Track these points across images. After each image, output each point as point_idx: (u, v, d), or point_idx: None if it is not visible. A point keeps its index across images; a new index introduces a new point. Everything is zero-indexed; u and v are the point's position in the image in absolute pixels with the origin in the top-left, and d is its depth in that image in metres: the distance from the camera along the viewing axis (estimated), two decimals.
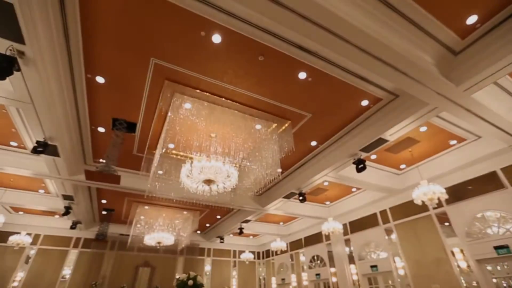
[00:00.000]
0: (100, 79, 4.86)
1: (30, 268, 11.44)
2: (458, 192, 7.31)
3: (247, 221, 11.52)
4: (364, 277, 9.70)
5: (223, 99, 5.32)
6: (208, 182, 5.57)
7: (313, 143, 6.83)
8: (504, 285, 6.34)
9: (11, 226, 11.25)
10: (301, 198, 8.44)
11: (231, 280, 15.43)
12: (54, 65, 4.32)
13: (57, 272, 11.84)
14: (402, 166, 8.15)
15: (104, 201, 10.30)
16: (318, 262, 12.04)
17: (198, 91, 5.07)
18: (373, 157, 7.47)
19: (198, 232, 14.66)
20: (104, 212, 11.29)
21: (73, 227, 11.03)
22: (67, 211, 9.36)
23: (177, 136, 5.54)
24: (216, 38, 4.05)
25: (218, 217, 12.39)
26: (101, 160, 6.24)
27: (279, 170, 8.04)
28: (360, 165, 6.39)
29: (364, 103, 5.45)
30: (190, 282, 3.48)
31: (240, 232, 12.05)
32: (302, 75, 4.75)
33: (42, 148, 5.66)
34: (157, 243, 10.98)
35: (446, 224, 7.71)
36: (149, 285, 13.17)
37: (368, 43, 3.73)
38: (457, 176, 7.34)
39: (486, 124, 5.47)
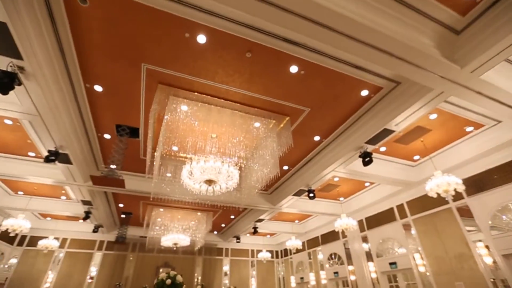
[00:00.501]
0: (98, 88, 5.04)
1: (59, 270, 12.22)
2: (480, 182, 6.77)
3: (260, 220, 11.48)
4: (383, 274, 9.29)
5: (218, 99, 5.31)
6: (209, 182, 5.59)
7: (316, 138, 6.64)
8: None
9: (40, 231, 12.10)
10: (310, 195, 8.25)
11: (250, 280, 15.46)
12: (54, 77, 4.54)
13: (84, 273, 12.55)
14: (416, 157, 7.69)
15: (121, 205, 10.74)
16: (336, 260, 11.73)
17: (191, 92, 5.10)
18: (383, 149, 7.12)
19: (215, 232, 14.85)
20: (123, 216, 11.77)
21: (95, 230, 11.61)
22: (87, 215, 9.85)
23: (177, 138, 5.63)
24: (201, 39, 4.04)
25: (232, 217, 12.46)
26: (111, 166, 6.50)
27: (285, 167, 7.97)
28: (366, 158, 6.11)
29: (364, 93, 5.19)
30: (168, 281, 3.50)
31: (254, 232, 12.05)
32: (293, 69, 4.61)
33: (54, 156, 5.99)
34: (174, 244, 11.26)
35: (474, 218, 7.14)
36: None
37: (356, 29, 3.54)
38: (477, 165, 6.79)
39: (503, 106, 5.00)
